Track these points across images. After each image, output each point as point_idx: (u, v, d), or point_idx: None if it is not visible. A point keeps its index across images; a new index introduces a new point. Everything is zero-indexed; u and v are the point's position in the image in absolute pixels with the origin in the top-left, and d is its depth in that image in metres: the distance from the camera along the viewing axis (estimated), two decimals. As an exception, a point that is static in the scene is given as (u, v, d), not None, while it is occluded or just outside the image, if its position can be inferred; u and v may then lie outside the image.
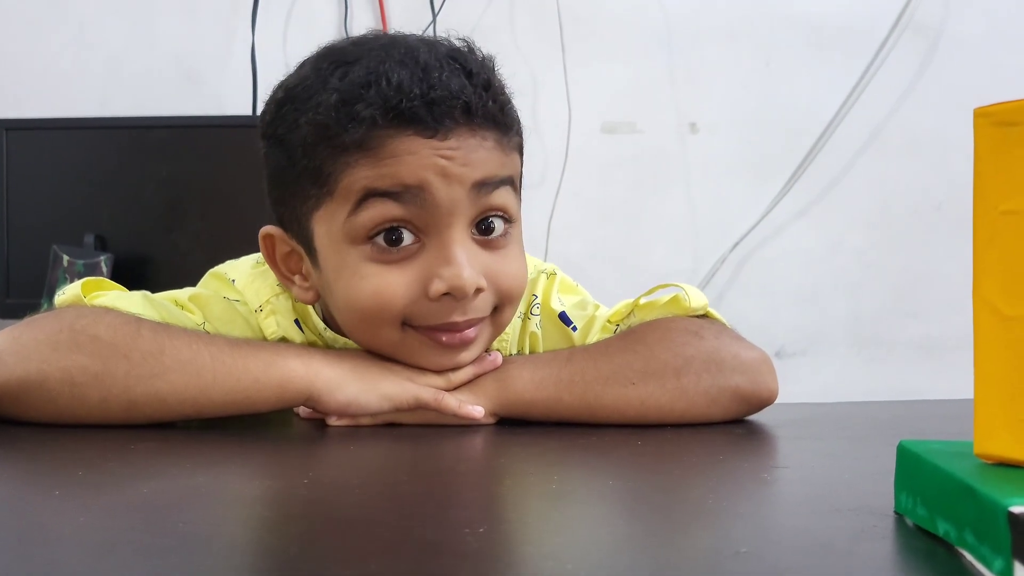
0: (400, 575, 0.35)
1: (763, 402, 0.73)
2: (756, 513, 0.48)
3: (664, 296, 0.76)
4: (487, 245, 0.69)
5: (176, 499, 0.48)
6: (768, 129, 1.85)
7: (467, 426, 0.69)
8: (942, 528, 0.39)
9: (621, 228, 1.87)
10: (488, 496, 0.50)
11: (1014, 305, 0.38)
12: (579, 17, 1.85)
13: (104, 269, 1.61)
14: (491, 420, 0.71)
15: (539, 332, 0.81)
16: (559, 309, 0.80)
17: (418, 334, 0.69)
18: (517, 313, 0.80)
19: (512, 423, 0.70)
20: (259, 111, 0.76)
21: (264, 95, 0.75)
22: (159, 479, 0.52)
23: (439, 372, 0.70)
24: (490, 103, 0.68)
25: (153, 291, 0.77)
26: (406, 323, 0.68)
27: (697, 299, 0.76)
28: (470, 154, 0.66)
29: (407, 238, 0.66)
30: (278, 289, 0.76)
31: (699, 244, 1.86)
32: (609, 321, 0.79)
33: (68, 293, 0.72)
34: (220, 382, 0.65)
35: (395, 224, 0.66)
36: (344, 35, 1.91)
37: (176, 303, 0.77)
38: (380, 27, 1.84)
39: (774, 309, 1.82)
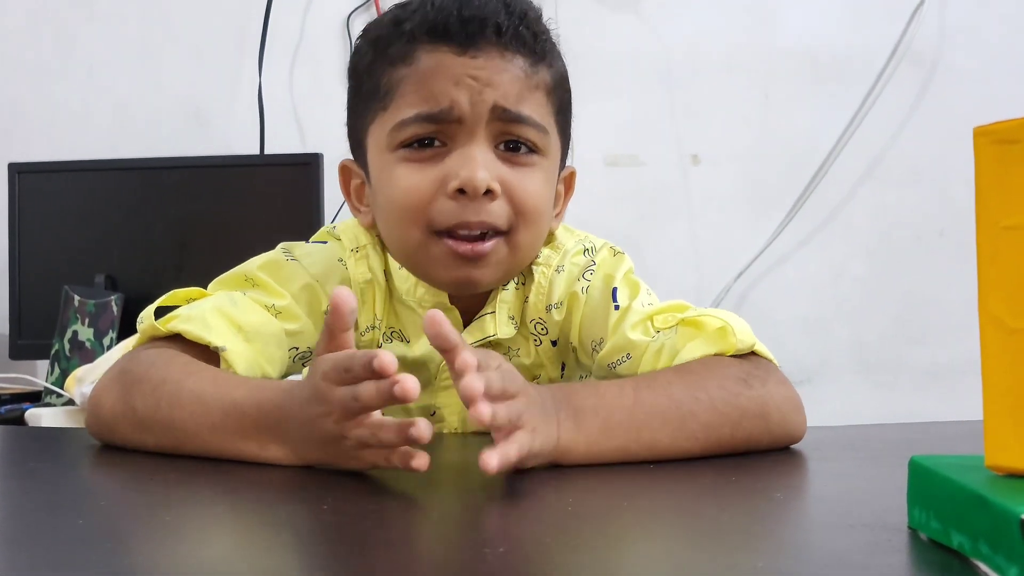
0: (424, 593, 0.36)
1: (790, 443, 0.72)
2: (771, 530, 0.48)
3: (712, 321, 0.74)
4: (510, 160, 0.77)
5: (198, 527, 0.49)
6: (768, 160, 1.87)
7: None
8: (956, 540, 0.39)
9: (625, 260, 1.87)
10: (504, 518, 0.51)
11: (1019, 318, 0.39)
12: (579, 53, 1.86)
13: (114, 309, 1.62)
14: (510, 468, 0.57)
15: (584, 297, 0.83)
16: (615, 285, 0.82)
17: (440, 242, 0.76)
18: (554, 266, 0.84)
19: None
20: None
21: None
22: (180, 507, 0.53)
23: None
24: (522, 28, 0.76)
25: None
26: (430, 228, 0.76)
27: (744, 336, 0.73)
28: (496, 75, 0.75)
29: (436, 143, 0.76)
30: (377, 240, 0.85)
31: (702, 275, 1.87)
32: (651, 319, 0.78)
33: (144, 323, 0.75)
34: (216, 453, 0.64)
35: (427, 136, 0.76)
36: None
37: (247, 279, 0.82)
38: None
39: (779, 338, 1.81)
